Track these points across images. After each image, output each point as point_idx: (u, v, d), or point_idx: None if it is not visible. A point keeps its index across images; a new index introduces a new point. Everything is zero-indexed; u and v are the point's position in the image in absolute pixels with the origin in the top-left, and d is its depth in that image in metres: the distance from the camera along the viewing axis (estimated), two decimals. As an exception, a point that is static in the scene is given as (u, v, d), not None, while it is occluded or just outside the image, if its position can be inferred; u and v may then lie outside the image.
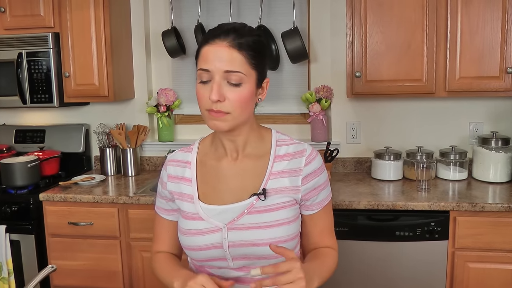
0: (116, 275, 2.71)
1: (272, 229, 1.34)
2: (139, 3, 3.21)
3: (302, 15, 3.11)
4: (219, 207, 1.37)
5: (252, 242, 1.32)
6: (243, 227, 1.34)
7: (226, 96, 1.27)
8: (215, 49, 1.28)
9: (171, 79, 3.34)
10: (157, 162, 3.34)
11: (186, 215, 1.41)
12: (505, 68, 2.55)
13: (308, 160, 1.39)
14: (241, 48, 1.28)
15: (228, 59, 1.27)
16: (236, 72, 1.27)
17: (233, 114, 1.29)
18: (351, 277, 2.47)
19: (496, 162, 2.71)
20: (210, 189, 1.41)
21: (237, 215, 1.35)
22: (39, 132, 3.35)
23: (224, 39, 1.28)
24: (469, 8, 2.55)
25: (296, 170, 1.38)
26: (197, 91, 1.31)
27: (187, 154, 1.48)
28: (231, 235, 1.34)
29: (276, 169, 1.38)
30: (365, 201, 2.44)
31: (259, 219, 1.34)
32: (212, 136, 1.47)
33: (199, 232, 1.37)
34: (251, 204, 1.35)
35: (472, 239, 2.37)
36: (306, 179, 1.38)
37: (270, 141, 1.43)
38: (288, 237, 1.36)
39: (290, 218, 1.37)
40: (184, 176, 1.44)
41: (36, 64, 2.94)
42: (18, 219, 2.73)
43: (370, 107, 3.08)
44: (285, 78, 3.15)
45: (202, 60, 1.30)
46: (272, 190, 1.36)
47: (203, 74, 1.29)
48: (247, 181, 1.38)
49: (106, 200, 2.65)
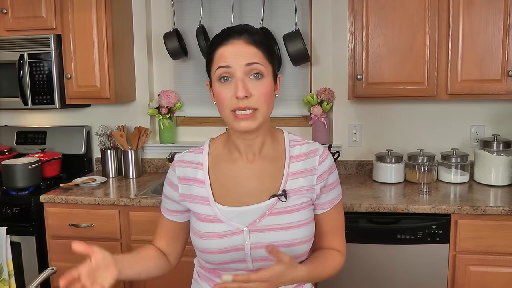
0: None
1: (293, 230, 1.33)
2: (141, 5, 3.21)
3: (304, 18, 3.11)
4: (238, 209, 1.35)
5: (274, 243, 1.30)
6: (265, 228, 1.33)
7: (251, 92, 1.26)
8: (232, 47, 1.29)
9: (173, 81, 3.34)
10: (158, 164, 3.34)
11: (202, 217, 1.38)
12: (507, 71, 2.55)
13: (322, 158, 1.41)
14: (257, 44, 1.30)
15: (247, 53, 1.28)
16: (257, 64, 1.28)
17: (261, 109, 1.29)
18: (352, 280, 2.47)
19: (497, 165, 2.70)
20: (226, 190, 1.39)
21: (258, 216, 1.34)
22: (40, 133, 3.35)
23: (239, 38, 1.30)
24: (470, 11, 2.55)
25: (311, 169, 1.39)
26: (217, 91, 1.29)
27: (197, 155, 1.45)
28: (253, 237, 1.33)
29: (292, 169, 1.38)
30: (366, 204, 2.44)
31: (280, 220, 1.34)
32: (225, 138, 1.45)
33: (219, 235, 1.34)
34: (271, 206, 1.34)
35: (473, 242, 2.36)
36: (321, 177, 1.40)
37: (283, 142, 1.43)
38: (308, 238, 1.36)
39: (309, 218, 1.37)
40: (197, 177, 1.41)
41: (38, 66, 2.94)
42: (19, 220, 2.73)
43: (372, 110, 3.08)
44: (286, 80, 3.15)
45: (219, 59, 1.29)
46: (291, 191, 1.36)
47: (222, 71, 1.28)
48: (265, 183, 1.37)
49: (107, 202, 2.65)
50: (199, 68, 3.27)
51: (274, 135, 1.43)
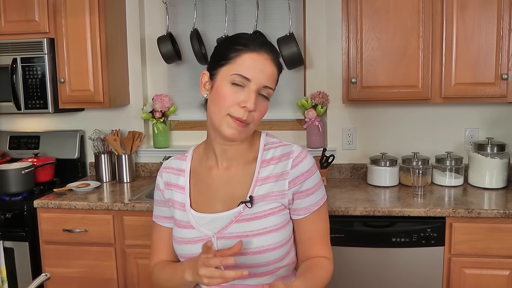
0: (111, 283, 2.68)
1: (260, 237, 1.32)
2: (134, 9, 3.20)
3: (298, 21, 3.12)
4: (209, 216, 1.36)
5: (241, 251, 1.28)
6: (232, 235, 1.33)
7: (255, 108, 1.28)
8: (260, 60, 1.29)
9: (167, 85, 3.34)
10: (152, 168, 3.33)
11: (178, 223, 1.41)
12: (500, 75, 2.56)
13: (295, 162, 1.36)
14: (278, 65, 1.33)
15: (270, 74, 1.30)
16: (270, 89, 1.31)
17: (252, 125, 1.31)
18: (347, 284, 2.46)
19: (491, 168, 2.71)
20: (201, 197, 1.40)
21: (226, 223, 1.34)
22: (33, 138, 3.33)
23: (268, 52, 1.30)
24: (464, 14, 2.56)
25: (282, 173, 1.35)
26: (224, 92, 1.28)
27: (181, 162, 1.48)
28: (221, 244, 1.34)
29: (262, 174, 1.36)
30: (361, 207, 2.43)
31: (247, 228, 1.32)
32: (204, 144, 1.47)
33: (191, 241, 1.36)
34: (238, 213, 1.34)
35: (468, 245, 2.36)
36: (294, 182, 1.35)
37: (258, 145, 1.41)
38: (277, 244, 1.33)
39: (278, 224, 1.34)
40: (178, 183, 1.44)
41: (31, 70, 2.92)
42: (12, 226, 2.70)
43: (366, 113, 3.08)
44: (280, 84, 3.07)
45: (244, 66, 1.28)
46: (259, 197, 1.34)
47: (240, 80, 1.27)
48: (236, 189, 1.37)
49: (101, 207, 2.63)
50: (193, 72, 3.26)
51: (251, 139, 1.42)
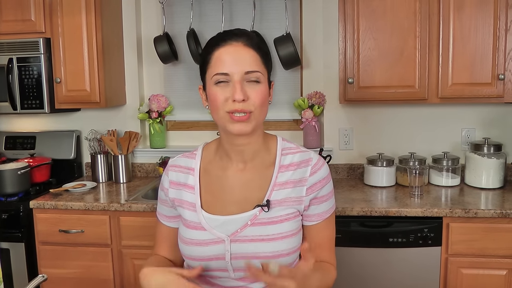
0: (108, 283, 2.68)
1: (275, 242, 1.31)
2: (131, 9, 3.19)
3: (295, 21, 3.11)
4: (222, 218, 1.34)
5: (255, 254, 1.29)
6: (246, 239, 1.31)
7: (248, 95, 1.26)
8: (231, 50, 1.27)
9: (163, 85, 3.33)
10: (148, 168, 3.32)
11: (187, 223, 1.37)
12: (497, 75, 2.56)
13: (314, 170, 1.36)
14: (256, 47, 1.29)
15: (247, 58, 1.27)
16: (256, 72, 1.27)
17: (256, 112, 1.27)
18: (344, 284, 2.46)
19: (488, 168, 2.71)
20: (213, 198, 1.38)
21: (240, 226, 1.32)
22: (29, 138, 3.31)
23: (238, 40, 1.28)
24: (461, 15, 2.56)
25: (301, 180, 1.35)
26: (213, 94, 1.28)
27: (190, 160, 1.44)
28: (234, 247, 1.31)
29: (280, 179, 1.35)
30: (358, 207, 2.43)
31: (262, 232, 1.31)
32: (217, 144, 1.44)
33: (201, 243, 1.34)
34: (254, 216, 1.32)
35: (465, 245, 2.37)
36: (311, 189, 1.35)
37: (275, 150, 1.40)
38: (291, 250, 1.33)
39: (293, 230, 1.34)
40: (187, 183, 1.41)
41: (27, 70, 2.91)
42: (8, 227, 2.69)
43: (363, 114, 3.09)
44: (277, 84, 3.14)
45: (217, 63, 1.27)
46: (276, 202, 1.33)
47: (218, 77, 1.27)
48: (252, 192, 1.35)
49: (97, 208, 2.62)
50: (190, 72, 3.25)
51: (267, 143, 1.41)
